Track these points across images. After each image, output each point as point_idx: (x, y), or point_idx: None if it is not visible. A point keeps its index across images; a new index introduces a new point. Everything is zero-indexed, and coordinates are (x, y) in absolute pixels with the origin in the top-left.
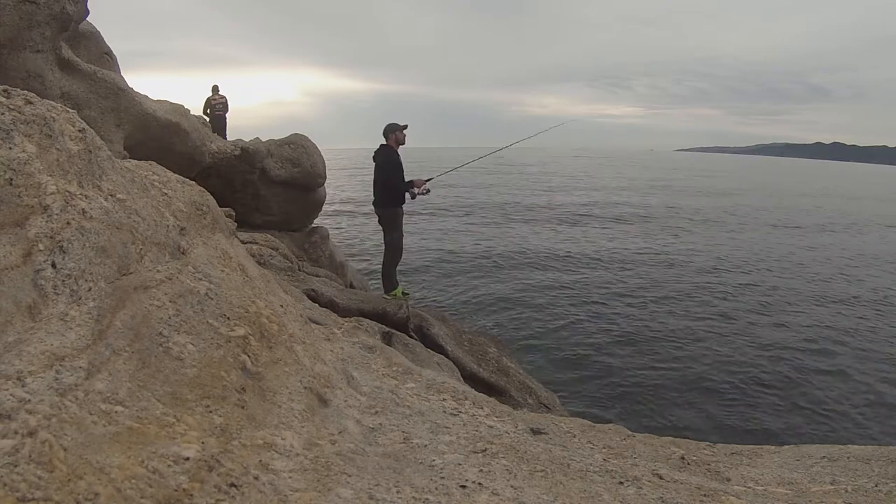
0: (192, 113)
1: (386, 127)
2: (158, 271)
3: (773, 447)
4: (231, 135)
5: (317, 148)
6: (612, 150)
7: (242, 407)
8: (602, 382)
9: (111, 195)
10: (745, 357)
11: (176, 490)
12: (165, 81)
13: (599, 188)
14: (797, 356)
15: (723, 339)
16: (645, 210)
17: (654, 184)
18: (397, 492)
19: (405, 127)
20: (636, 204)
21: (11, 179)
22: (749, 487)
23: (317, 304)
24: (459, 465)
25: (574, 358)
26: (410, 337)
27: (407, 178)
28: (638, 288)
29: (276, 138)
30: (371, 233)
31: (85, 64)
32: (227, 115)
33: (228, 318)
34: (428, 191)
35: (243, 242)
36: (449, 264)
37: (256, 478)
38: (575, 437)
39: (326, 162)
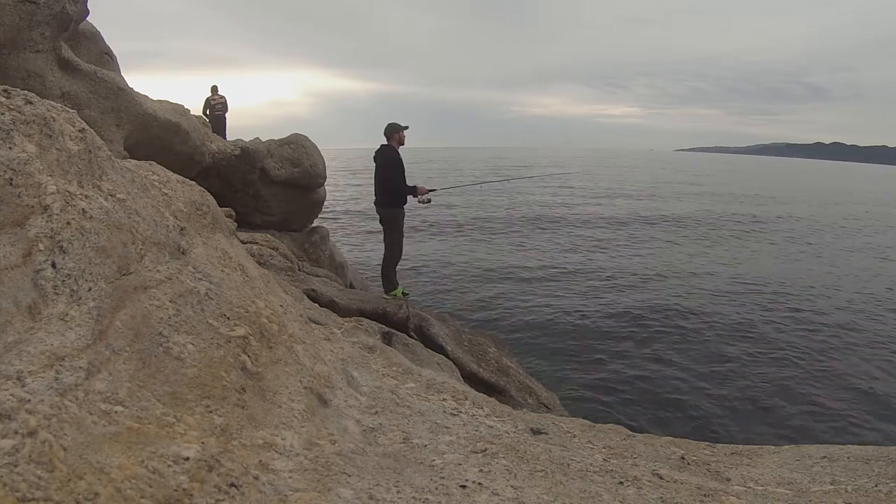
0: (191, 113)
1: (388, 126)
2: (158, 271)
3: (773, 447)
4: (231, 135)
5: (317, 148)
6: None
7: (242, 407)
8: (602, 383)
9: (111, 195)
10: (745, 357)
11: (176, 490)
12: (165, 81)
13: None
14: (797, 356)
15: (722, 339)
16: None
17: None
18: (397, 492)
19: (405, 128)
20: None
21: (11, 179)
22: (749, 487)
23: (317, 304)
24: (459, 465)
25: (574, 358)
26: (410, 337)
27: (411, 183)
28: (638, 289)
29: (276, 138)
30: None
31: (85, 64)
32: (226, 115)
33: (228, 318)
34: (429, 200)
35: (243, 242)
36: (449, 264)
37: (256, 478)
38: (575, 437)
39: (326, 162)
